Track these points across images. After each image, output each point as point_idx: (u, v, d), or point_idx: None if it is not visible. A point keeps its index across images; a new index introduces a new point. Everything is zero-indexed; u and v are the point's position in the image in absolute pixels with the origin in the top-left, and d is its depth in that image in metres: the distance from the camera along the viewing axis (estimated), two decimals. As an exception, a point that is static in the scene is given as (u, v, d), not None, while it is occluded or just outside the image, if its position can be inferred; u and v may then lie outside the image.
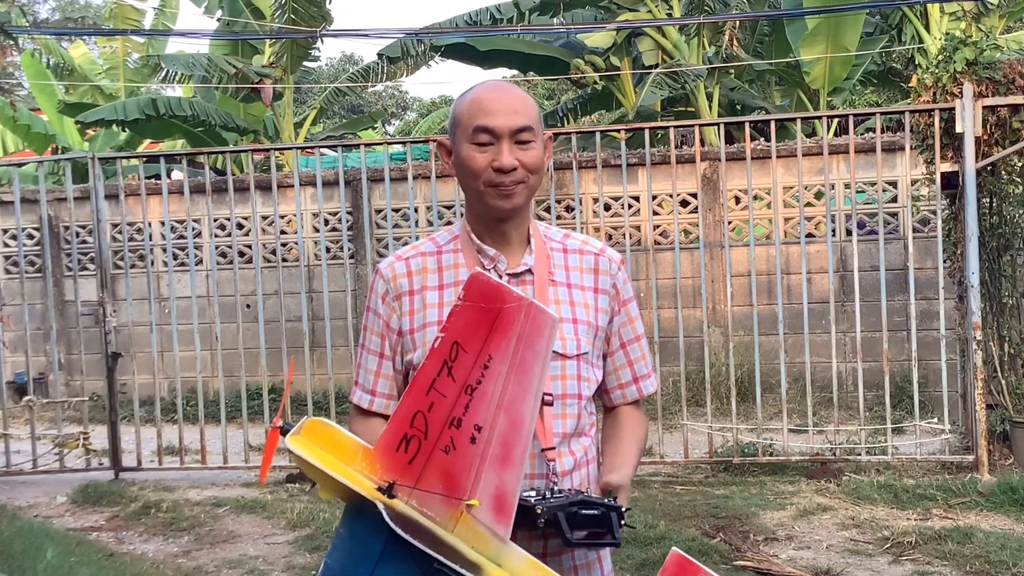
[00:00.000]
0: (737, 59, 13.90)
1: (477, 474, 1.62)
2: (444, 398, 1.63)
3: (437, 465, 1.63)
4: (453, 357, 1.62)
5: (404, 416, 1.64)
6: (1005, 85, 6.54)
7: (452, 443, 1.62)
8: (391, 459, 1.64)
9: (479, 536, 1.64)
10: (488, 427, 1.62)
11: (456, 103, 1.85)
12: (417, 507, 1.62)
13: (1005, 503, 5.79)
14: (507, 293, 1.63)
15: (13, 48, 16.08)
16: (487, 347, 1.62)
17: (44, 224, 7.99)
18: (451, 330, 1.62)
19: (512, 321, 1.62)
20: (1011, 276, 6.84)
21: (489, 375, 1.61)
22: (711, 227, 9.54)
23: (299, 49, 13.47)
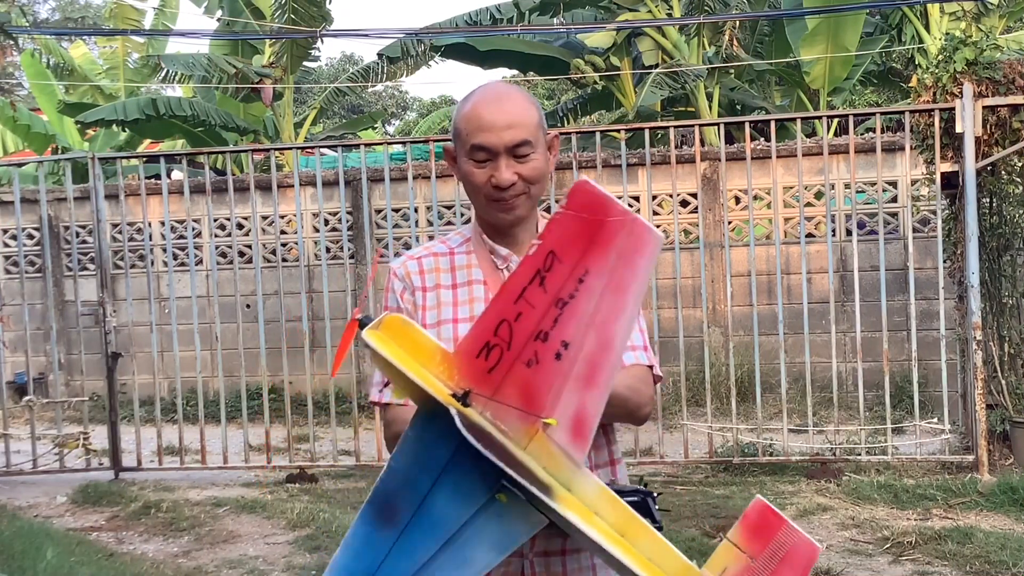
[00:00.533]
0: (737, 59, 13.90)
1: (558, 392, 1.55)
2: (533, 309, 1.55)
3: (517, 378, 1.56)
4: (547, 267, 1.54)
5: (488, 324, 1.56)
6: (1005, 85, 6.54)
7: (536, 357, 1.55)
8: (470, 366, 1.56)
9: (552, 457, 1.57)
10: (576, 345, 1.54)
11: (456, 112, 1.85)
12: (491, 419, 1.55)
13: (1005, 503, 5.79)
14: (612, 205, 1.55)
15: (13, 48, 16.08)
16: (584, 260, 1.54)
17: (44, 224, 7.99)
18: (548, 238, 1.54)
19: (614, 235, 1.55)
20: (1011, 276, 6.84)
21: (583, 290, 1.54)
22: (711, 227, 9.54)
23: (299, 49, 13.47)
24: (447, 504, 1.56)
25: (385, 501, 1.55)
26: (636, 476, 6.68)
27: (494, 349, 1.56)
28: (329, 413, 7.64)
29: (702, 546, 5.08)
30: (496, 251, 1.88)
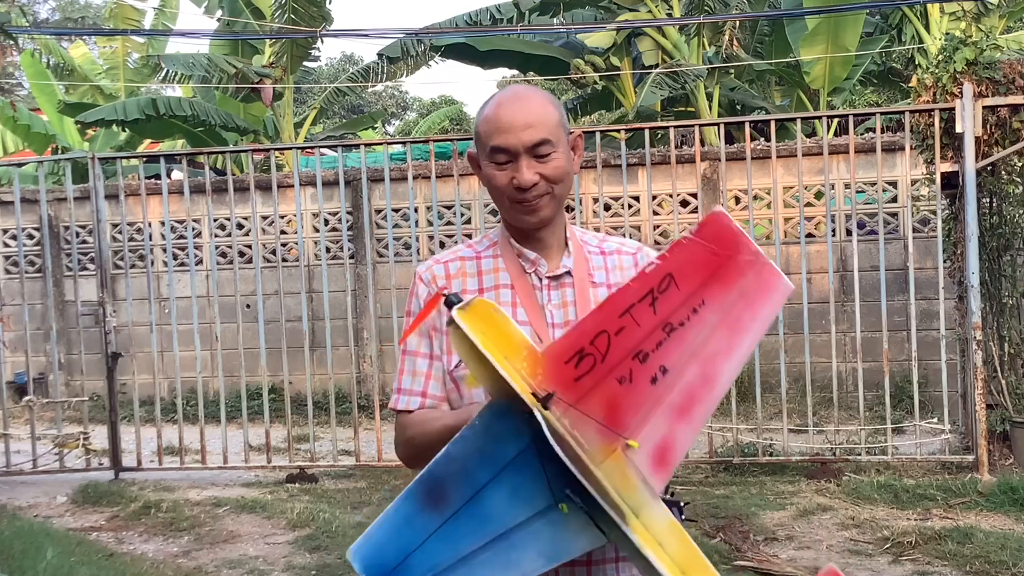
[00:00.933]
0: (737, 59, 13.90)
1: (646, 416, 1.50)
2: (637, 327, 1.49)
3: (605, 392, 1.50)
4: (662, 288, 1.49)
5: (586, 331, 1.50)
6: (1005, 85, 6.54)
7: (630, 375, 1.49)
8: (557, 369, 1.50)
9: (627, 481, 1.51)
10: (675, 372, 1.50)
11: (477, 115, 1.83)
12: (568, 427, 1.48)
13: (1005, 503, 5.79)
14: (746, 243, 1.51)
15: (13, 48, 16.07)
16: (703, 291, 1.49)
17: (44, 224, 7.98)
18: (669, 261, 1.49)
19: (740, 274, 1.51)
20: (1011, 276, 6.84)
21: (696, 320, 1.49)
22: (711, 227, 9.53)
23: (299, 49, 13.48)
24: (504, 502, 1.52)
25: (436, 485, 1.50)
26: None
27: (587, 358, 1.51)
28: (329, 413, 7.64)
29: (702, 546, 5.06)
30: (524, 255, 1.85)
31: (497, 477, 1.50)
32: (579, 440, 1.49)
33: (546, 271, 1.83)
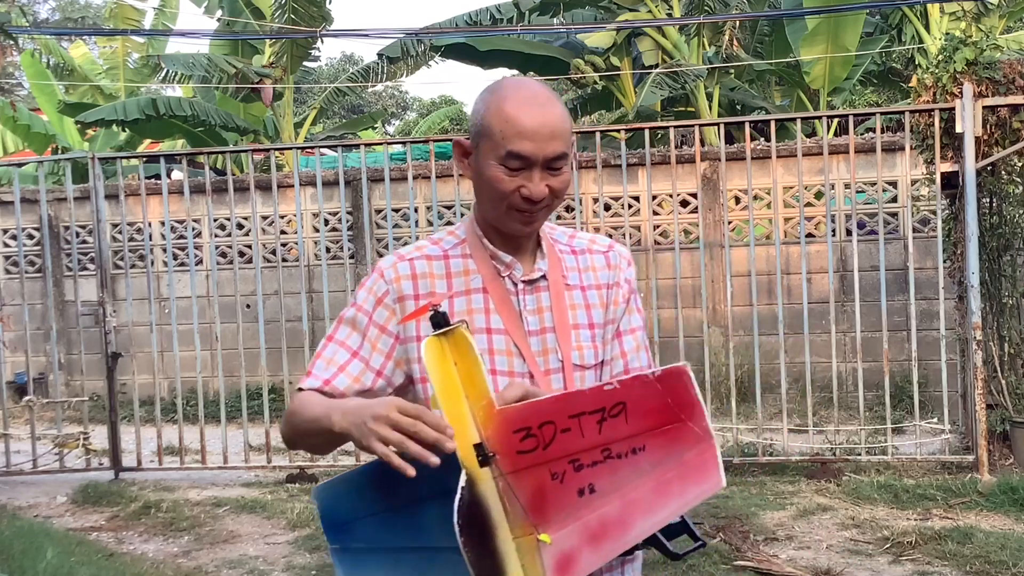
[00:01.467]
0: (737, 59, 13.90)
1: (564, 521, 1.48)
2: (581, 436, 1.47)
3: (538, 478, 1.48)
4: (613, 412, 1.47)
5: (539, 413, 1.48)
6: (1005, 85, 6.54)
7: (562, 476, 1.48)
8: (506, 433, 1.48)
9: (534, 566, 1.49)
10: (600, 497, 1.48)
11: (486, 108, 1.68)
12: (500, 490, 1.47)
13: (1005, 503, 5.79)
14: (700, 413, 1.50)
15: (13, 48, 16.08)
16: (647, 437, 1.47)
17: (44, 224, 7.99)
18: (627, 391, 1.47)
19: (684, 443, 1.50)
20: (1011, 276, 6.84)
21: (631, 460, 1.47)
22: (711, 227, 9.54)
23: (299, 49, 13.48)
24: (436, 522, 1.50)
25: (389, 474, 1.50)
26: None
27: (531, 438, 1.48)
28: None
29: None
30: (498, 257, 1.74)
31: (439, 498, 1.48)
32: (507, 510, 1.47)
33: (521, 275, 1.74)
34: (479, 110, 1.69)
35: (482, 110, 1.68)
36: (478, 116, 1.69)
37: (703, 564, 4.86)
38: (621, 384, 1.48)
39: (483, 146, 1.67)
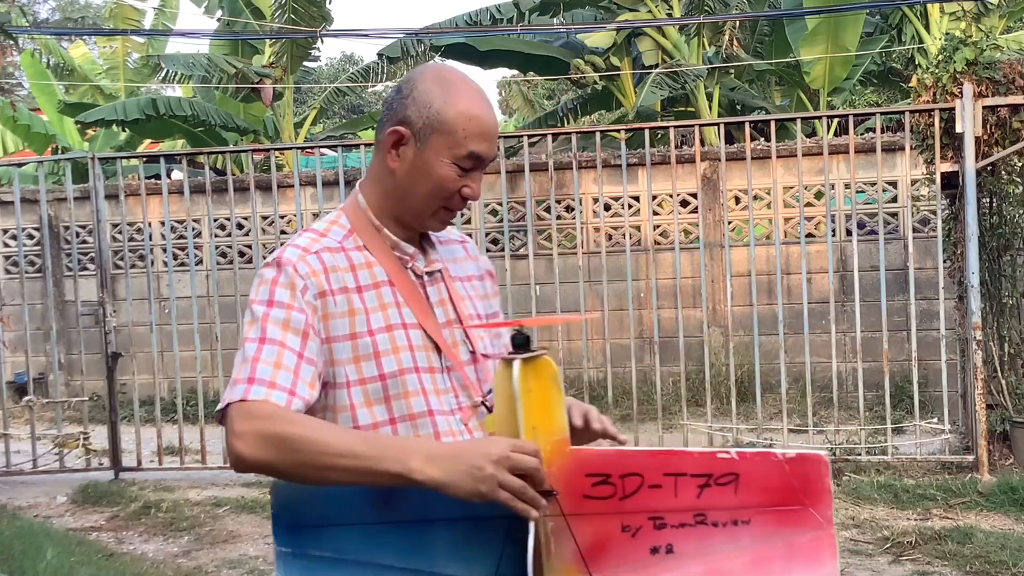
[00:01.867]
0: (737, 59, 13.90)
1: (624, 574, 1.39)
2: (674, 497, 1.39)
3: (604, 527, 1.40)
4: (721, 481, 1.40)
5: (627, 464, 1.40)
6: (1005, 85, 6.53)
7: (636, 531, 1.40)
8: (575, 474, 1.39)
9: None
10: (678, 561, 1.40)
11: (442, 101, 1.61)
12: (548, 531, 1.38)
13: (1005, 503, 5.79)
14: (828, 503, 1.41)
15: (13, 48, 16.08)
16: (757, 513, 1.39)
17: (44, 224, 7.99)
18: (746, 464, 1.40)
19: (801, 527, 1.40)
20: (1011, 276, 6.84)
21: (730, 532, 1.40)
22: (711, 227, 9.54)
23: (299, 49, 13.47)
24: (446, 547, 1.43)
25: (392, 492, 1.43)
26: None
27: (608, 486, 1.40)
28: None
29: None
30: (400, 247, 1.66)
31: (455, 522, 1.39)
32: (550, 550, 1.39)
33: (423, 266, 1.68)
34: (430, 102, 1.60)
35: (435, 103, 1.60)
36: (430, 109, 1.60)
37: None
38: (740, 456, 1.42)
39: (435, 141, 1.60)
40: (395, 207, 1.66)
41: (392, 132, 1.62)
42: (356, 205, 1.68)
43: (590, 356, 8.09)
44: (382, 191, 1.67)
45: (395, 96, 1.65)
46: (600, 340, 8.39)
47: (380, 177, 1.67)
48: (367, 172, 1.73)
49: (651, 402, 8.17)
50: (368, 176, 1.72)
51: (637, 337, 8.51)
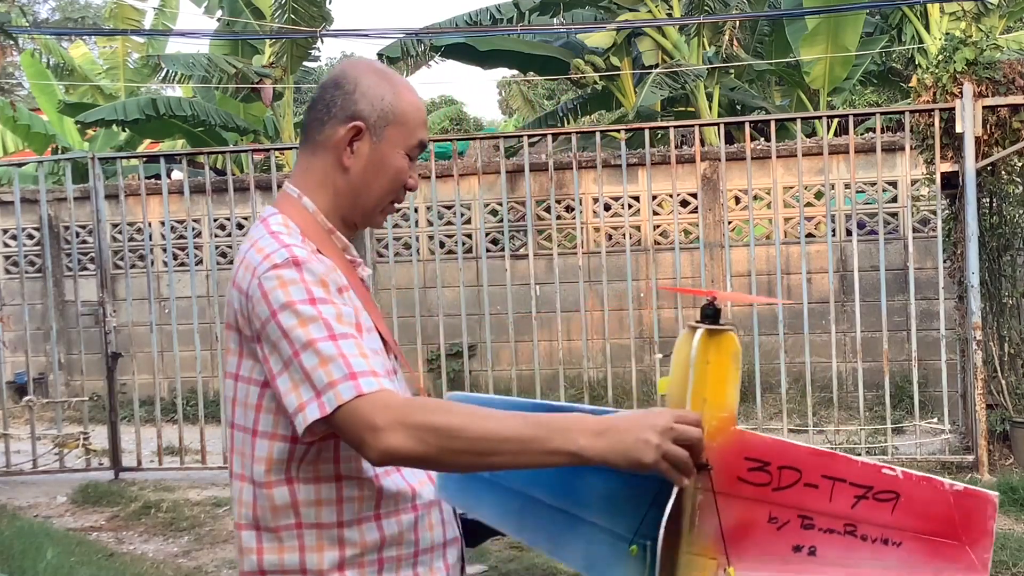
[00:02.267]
0: (737, 59, 13.90)
1: (762, 565, 1.40)
2: (828, 501, 1.40)
3: (752, 513, 1.40)
4: (880, 497, 1.40)
5: (788, 456, 1.41)
6: (1005, 85, 6.54)
7: (783, 525, 1.40)
8: (735, 455, 1.40)
9: None
10: (818, 564, 1.40)
11: (392, 93, 1.60)
12: (696, 503, 1.40)
13: (1005, 503, 5.79)
14: (987, 546, 1.41)
15: (13, 48, 16.07)
16: (909, 537, 1.39)
17: (44, 224, 7.99)
18: (911, 486, 1.40)
19: (952, 562, 1.39)
20: (1011, 276, 6.84)
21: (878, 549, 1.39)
22: (711, 227, 9.54)
23: (299, 49, 13.47)
24: (596, 495, 1.45)
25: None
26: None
27: (763, 473, 1.41)
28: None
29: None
30: (349, 250, 1.65)
31: (609, 474, 1.41)
32: (693, 524, 1.42)
33: (366, 272, 1.70)
34: (381, 95, 1.59)
35: (387, 95, 1.59)
36: (383, 101, 1.59)
37: None
38: (905, 476, 1.42)
39: (391, 133, 1.60)
40: (346, 207, 1.62)
41: (352, 128, 1.58)
42: (301, 208, 1.60)
43: (590, 356, 8.09)
44: (331, 192, 1.61)
45: (335, 92, 1.60)
46: (600, 340, 8.39)
47: (328, 177, 1.61)
48: (305, 174, 1.63)
49: (651, 402, 8.17)
50: (309, 177, 1.62)
51: (637, 337, 8.52)
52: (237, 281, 1.53)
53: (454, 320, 9.07)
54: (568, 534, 1.50)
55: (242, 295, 1.50)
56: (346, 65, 1.65)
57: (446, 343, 7.73)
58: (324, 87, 1.62)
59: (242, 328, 1.52)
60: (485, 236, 9.65)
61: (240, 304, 1.51)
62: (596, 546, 1.48)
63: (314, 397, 1.40)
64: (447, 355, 8.31)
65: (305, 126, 1.64)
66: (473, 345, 9.29)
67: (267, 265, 1.48)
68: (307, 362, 1.41)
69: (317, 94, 1.63)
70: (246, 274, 1.51)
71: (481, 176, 7.93)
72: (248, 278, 1.49)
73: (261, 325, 1.46)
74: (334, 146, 1.59)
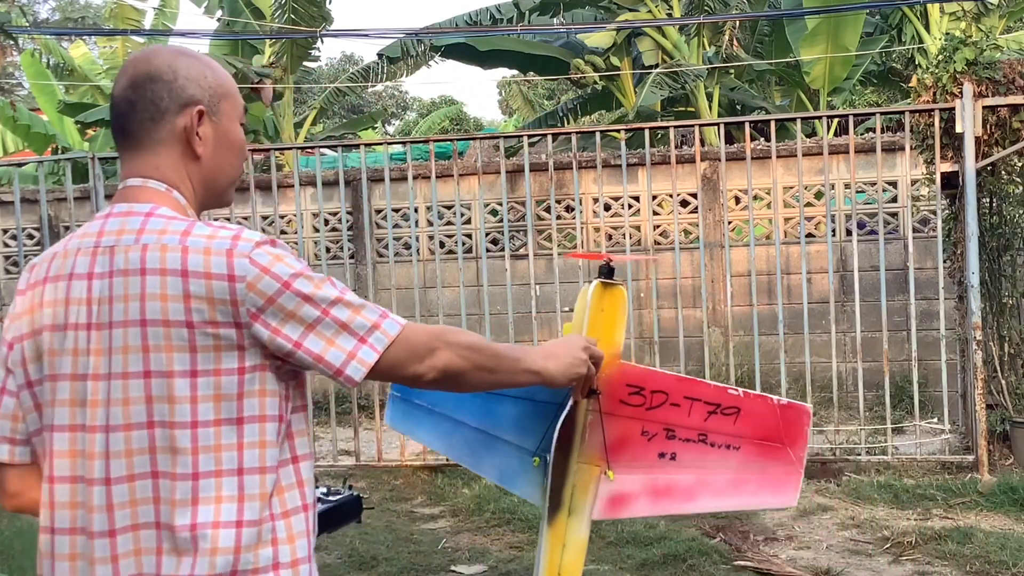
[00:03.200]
0: (737, 59, 13.90)
1: (634, 470, 1.86)
2: (687, 416, 1.85)
3: (627, 428, 1.86)
4: (726, 411, 1.84)
5: (659, 382, 1.89)
6: (1005, 85, 6.54)
7: (651, 436, 1.87)
8: (618, 383, 1.86)
9: (585, 489, 1.89)
10: (677, 467, 1.86)
11: (211, 70, 1.60)
12: (584, 421, 1.86)
13: (1005, 503, 5.79)
14: (802, 447, 1.89)
15: (13, 48, 16.07)
16: (745, 443, 1.85)
17: (44, 224, 7.99)
18: (749, 403, 1.86)
19: (777, 460, 1.88)
20: (1011, 276, 6.84)
21: (722, 453, 1.85)
22: (711, 227, 9.54)
23: (299, 49, 13.48)
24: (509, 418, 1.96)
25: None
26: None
27: (639, 396, 1.88)
28: (329, 413, 7.64)
29: (702, 546, 5.09)
30: None
31: (519, 399, 1.91)
32: (583, 436, 1.87)
33: None
34: (203, 73, 1.58)
35: (207, 72, 1.58)
36: (207, 79, 1.58)
37: (703, 564, 4.86)
38: (745, 394, 1.90)
39: (226, 107, 1.60)
40: (203, 193, 1.61)
41: (197, 112, 1.55)
42: (174, 201, 1.56)
43: (590, 356, 8.06)
44: (189, 183, 1.59)
45: (155, 87, 1.54)
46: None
47: (183, 170, 1.57)
48: (156, 171, 1.57)
49: (651, 402, 8.17)
50: (164, 174, 1.57)
51: (637, 337, 8.52)
52: (198, 269, 1.43)
53: (454, 320, 9.08)
54: (486, 451, 1.98)
55: (222, 280, 1.43)
56: (146, 58, 1.58)
57: (446, 343, 7.71)
58: (136, 85, 1.55)
59: (212, 317, 1.43)
60: (485, 236, 9.65)
61: (219, 290, 1.43)
62: (507, 459, 1.97)
63: (359, 343, 1.47)
64: (447, 355, 8.29)
65: (127, 130, 1.56)
66: (473, 345, 9.28)
67: (247, 245, 1.46)
68: (340, 314, 1.47)
69: (130, 95, 1.55)
70: (217, 259, 1.44)
71: (481, 176, 7.93)
72: (225, 261, 1.44)
73: (268, 300, 1.44)
74: (179, 138, 1.56)
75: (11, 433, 1.56)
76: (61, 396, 1.50)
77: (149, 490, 1.45)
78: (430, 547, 5.42)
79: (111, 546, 1.46)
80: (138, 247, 1.47)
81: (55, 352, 1.50)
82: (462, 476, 6.79)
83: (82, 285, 1.49)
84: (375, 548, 5.33)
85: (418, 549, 5.39)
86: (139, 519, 1.46)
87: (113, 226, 1.52)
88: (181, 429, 1.44)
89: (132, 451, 1.45)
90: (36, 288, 1.55)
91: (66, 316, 1.50)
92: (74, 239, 1.55)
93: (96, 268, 1.49)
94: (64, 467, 1.50)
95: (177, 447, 1.44)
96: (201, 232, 1.48)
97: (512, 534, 5.60)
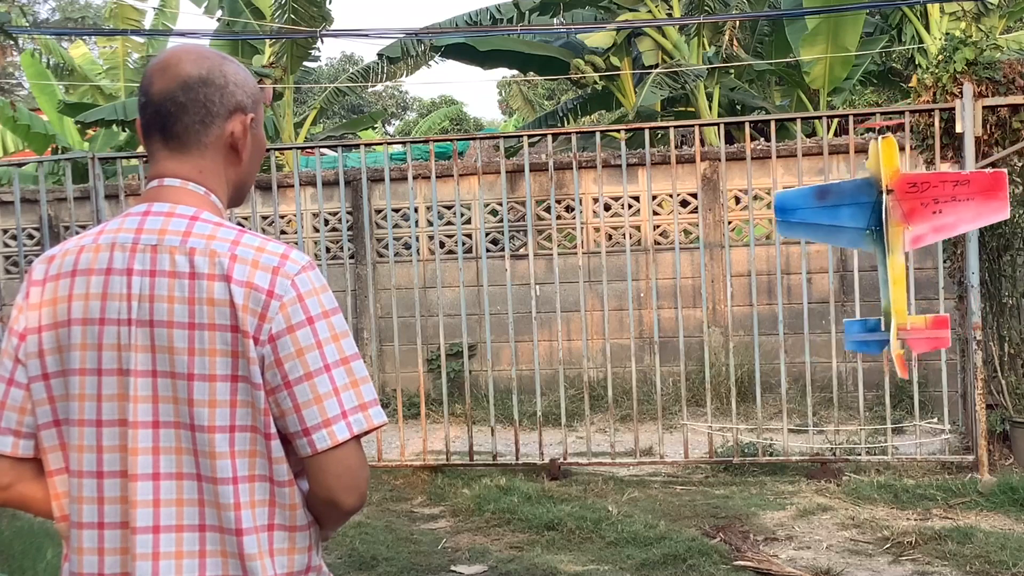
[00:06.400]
0: (737, 59, 13.90)
1: (920, 221, 4.95)
2: (941, 189, 5.09)
3: (913, 203, 4.76)
4: (961, 183, 5.21)
5: (927, 182, 4.86)
6: (1005, 85, 6.54)
7: (924, 204, 5.05)
8: (904, 183, 5.11)
9: (898, 237, 5.15)
10: (941, 216, 5.13)
11: (248, 75, 1.62)
12: (890, 206, 5.13)
13: (1005, 503, 5.79)
14: (1005, 190, 5.29)
15: (13, 48, 16.08)
16: (972, 198, 5.25)
17: (44, 224, 7.99)
18: (975, 176, 5.07)
19: (989, 199, 5.20)
20: (1011, 276, 6.84)
21: (963, 204, 5.21)
22: (711, 227, 9.54)
23: (299, 49, 13.48)
24: (847, 207, 5.31)
25: (825, 191, 5.48)
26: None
27: (915, 188, 5.14)
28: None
29: (702, 546, 5.09)
30: None
31: (851, 204, 5.30)
32: (892, 214, 5.16)
33: None
34: (246, 78, 1.59)
35: (248, 78, 1.60)
36: (249, 85, 1.60)
37: (703, 564, 4.86)
38: (971, 174, 5.26)
39: (259, 113, 1.63)
40: (234, 195, 1.65)
41: (249, 119, 1.59)
42: (214, 206, 1.58)
43: (590, 356, 8.09)
44: (227, 187, 1.62)
45: (207, 90, 1.54)
46: (600, 340, 8.39)
47: (223, 174, 1.60)
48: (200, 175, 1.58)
49: (651, 402, 8.17)
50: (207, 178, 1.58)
51: (637, 337, 8.52)
52: (242, 278, 1.44)
53: (454, 320, 9.09)
54: (841, 234, 5.45)
55: (261, 293, 1.44)
56: (195, 60, 1.56)
57: (446, 343, 7.73)
58: (187, 87, 1.53)
59: (246, 328, 1.43)
60: (485, 236, 9.65)
61: (254, 301, 1.43)
62: (853, 235, 5.36)
63: (340, 416, 1.45)
64: (447, 355, 8.32)
65: (172, 132, 1.55)
66: (473, 345, 9.29)
67: (294, 267, 1.47)
68: (339, 379, 1.45)
69: (179, 97, 1.53)
70: (263, 273, 1.45)
71: (481, 176, 7.93)
72: (269, 277, 1.45)
73: (289, 328, 1.44)
74: (225, 143, 1.57)
75: (17, 425, 1.53)
76: (89, 391, 1.48)
77: (195, 492, 1.46)
78: (430, 547, 5.42)
79: (153, 543, 1.45)
80: (184, 250, 1.46)
81: (86, 346, 1.48)
82: (462, 476, 6.79)
83: (121, 281, 1.48)
84: (375, 548, 5.33)
85: (418, 549, 5.39)
86: (184, 519, 1.46)
87: (154, 224, 1.50)
88: (221, 433, 1.45)
89: (182, 449, 1.46)
90: (60, 280, 1.51)
91: (102, 311, 1.48)
92: (105, 234, 1.53)
93: (135, 264, 1.47)
94: (91, 462, 1.48)
95: (216, 452, 1.45)
96: (250, 243, 1.49)
97: (512, 534, 5.60)
